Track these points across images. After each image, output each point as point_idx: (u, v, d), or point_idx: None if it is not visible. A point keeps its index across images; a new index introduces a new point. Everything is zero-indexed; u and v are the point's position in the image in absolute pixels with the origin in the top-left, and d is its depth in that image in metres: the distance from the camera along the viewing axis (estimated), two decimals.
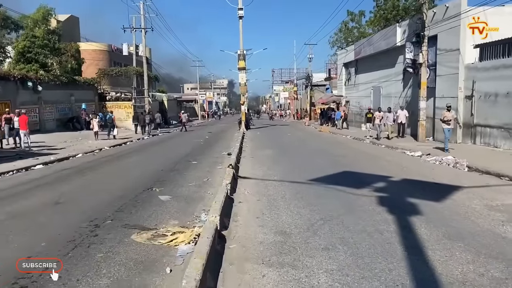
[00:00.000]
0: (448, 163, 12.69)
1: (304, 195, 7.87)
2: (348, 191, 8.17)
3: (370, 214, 6.42)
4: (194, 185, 9.18)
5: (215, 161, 13.47)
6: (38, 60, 29.85)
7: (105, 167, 13.05)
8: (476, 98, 17.22)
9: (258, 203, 7.25)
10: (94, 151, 18.18)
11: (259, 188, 8.62)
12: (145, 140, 25.27)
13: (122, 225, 6.00)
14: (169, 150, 18.38)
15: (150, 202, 7.54)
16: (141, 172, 11.50)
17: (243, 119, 32.94)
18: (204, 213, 6.38)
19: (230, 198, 7.40)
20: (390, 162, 13.03)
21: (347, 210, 6.68)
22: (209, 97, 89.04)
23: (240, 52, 32.65)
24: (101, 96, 36.71)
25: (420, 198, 7.58)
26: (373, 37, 29.95)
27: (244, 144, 20.05)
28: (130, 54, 39.37)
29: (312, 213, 6.49)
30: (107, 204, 7.44)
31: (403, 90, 24.52)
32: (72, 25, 46.37)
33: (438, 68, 20.02)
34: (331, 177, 10.21)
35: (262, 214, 6.46)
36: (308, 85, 52.31)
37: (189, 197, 7.93)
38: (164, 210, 6.87)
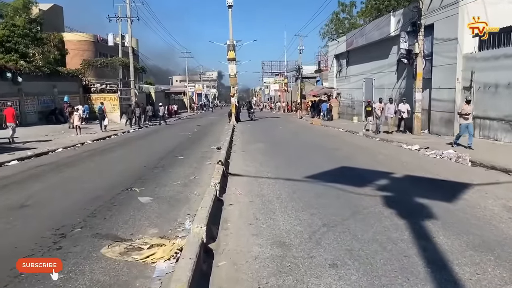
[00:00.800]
0: (450, 158, 12.00)
1: (301, 194, 7.07)
2: (349, 190, 7.40)
3: (378, 218, 5.65)
4: (179, 184, 8.32)
5: (204, 156, 12.61)
6: (18, 50, 28.52)
7: (84, 163, 12.11)
8: (475, 89, 16.56)
9: (251, 205, 6.43)
10: (76, 145, 17.20)
11: (252, 187, 7.80)
12: (131, 134, 24.26)
13: (92, 234, 5.14)
14: (155, 144, 17.45)
15: (129, 204, 6.67)
16: (122, 169, 10.60)
17: (233, 111, 32.02)
18: (188, 220, 5.53)
19: (219, 200, 6.57)
20: (388, 157, 12.32)
21: (352, 213, 5.90)
22: (198, 89, 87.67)
23: (230, 42, 31.61)
24: (85, 88, 35.40)
25: (429, 197, 6.84)
26: (365, 27, 29.15)
27: (235, 137, 19.20)
28: (116, 44, 38.04)
29: (313, 217, 5.70)
30: (80, 206, 6.56)
31: (397, 81, 23.82)
32: (56, 14, 44.77)
33: (435, 59, 19.33)
34: (328, 173, 9.44)
35: (256, 219, 5.64)
36: (299, 77, 51.45)
37: (173, 198, 7.07)
38: (143, 215, 6.00)
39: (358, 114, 30.23)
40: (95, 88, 36.05)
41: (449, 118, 18.07)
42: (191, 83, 77.63)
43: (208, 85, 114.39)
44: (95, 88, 36.12)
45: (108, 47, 42.18)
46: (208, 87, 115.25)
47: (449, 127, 18.05)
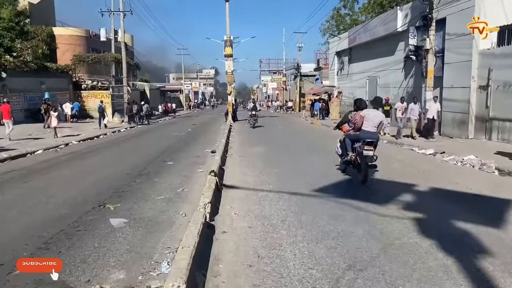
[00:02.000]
0: (473, 165, 10.67)
1: (312, 217, 5.70)
2: (371, 210, 6.04)
3: (417, 255, 4.29)
4: (163, 198, 6.91)
5: (196, 161, 11.21)
6: (3, 44, 26.98)
7: (60, 169, 10.67)
8: (493, 88, 15.23)
9: (250, 233, 5.03)
10: (59, 145, 15.78)
11: (251, 205, 6.41)
12: (122, 133, 22.84)
13: (34, 280, 3.75)
14: (144, 146, 16.03)
15: (95, 229, 5.27)
16: (101, 177, 9.17)
17: (230, 110, 30.58)
18: (166, 260, 4.12)
19: (210, 226, 5.19)
20: (403, 163, 10.96)
21: (381, 246, 4.54)
22: (195, 87, 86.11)
23: (227, 38, 30.16)
24: (76, 84, 33.91)
25: (470, 220, 5.50)
26: (370, 22, 27.77)
27: (231, 138, 17.80)
28: (108, 40, 36.45)
29: (332, 253, 4.33)
30: (33, 232, 5.17)
31: (404, 79, 22.48)
32: (46, 8, 43.15)
33: (446, 55, 17.99)
34: (339, 185, 8.08)
35: (258, 257, 4.24)
36: (298, 75, 50.06)
37: (152, 220, 5.66)
38: (110, 248, 4.60)
39: None
40: (86, 85, 34.56)
41: (463, 119, 16.75)
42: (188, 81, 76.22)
43: (205, 83, 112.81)
44: (86, 85, 34.62)
45: (100, 42, 40.55)
46: (205, 85, 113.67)
47: (463, 129, 16.73)
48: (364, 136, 7.85)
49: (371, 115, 7.96)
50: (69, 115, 28.73)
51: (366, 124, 7.89)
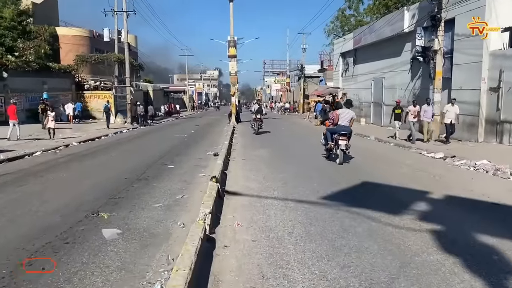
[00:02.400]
0: (486, 170, 10.21)
1: (321, 228, 5.26)
2: (384, 221, 5.59)
3: (441, 277, 3.84)
4: (161, 206, 6.48)
5: (197, 165, 10.79)
6: (4, 44, 26.66)
7: (57, 171, 10.28)
8: (504, 90, 14.76)
9: (254, 248, 4.59)
10: (59, 147, 15.44)
11: (254, 214, 5.97)
12: (124, 134, 22.50)
13: None
14: (145, 148, 15.63)
15: (85, 242, 4.85)
16: (97, 181, 8.76)
17: (233, 111, 30.17)
18: (160, 282, 3.68)
19: (210, 239, 4.76)
20: (413, 168, 10.49)
21: (400, 264, 4.09)
22: (199, 88, 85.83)
23: (231, 38, 29.83)
24: (78, 85, 33.60)
25: (493, 233, 5.05)
26: (375, 23, 27.32)
27: (235, 140, 17.38)
28: (112, 40, 36.13)
29: (345, 273, 3.89)
30: (16, 245, 4.74)
31: (411, 81, 22.03)
32: (50, 8, 42.87)
33: (455, 56, 17.54)
34: (349, 192, 7.63)
35: (262, 278, 3.80)
36: (302, 76, 49.58)
37: (148, 231, 5.24)
38: (98, 265, 4.16)
39: (366, 115, 28.45)
40: (88, 86, 34.24)
41: (472, 122, 16.26)
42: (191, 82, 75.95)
43: (209, 84, 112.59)
44: (89, 85, 34.30)
45: (104, 42, 40.23)
46: (209, 86, 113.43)
47: (472, 132, 16.25)
48: (339, 129, 10.42)
49: (344, 113, 10.60)
50: (71, 116, 28.42)
51: (341, 120, 10.46)
